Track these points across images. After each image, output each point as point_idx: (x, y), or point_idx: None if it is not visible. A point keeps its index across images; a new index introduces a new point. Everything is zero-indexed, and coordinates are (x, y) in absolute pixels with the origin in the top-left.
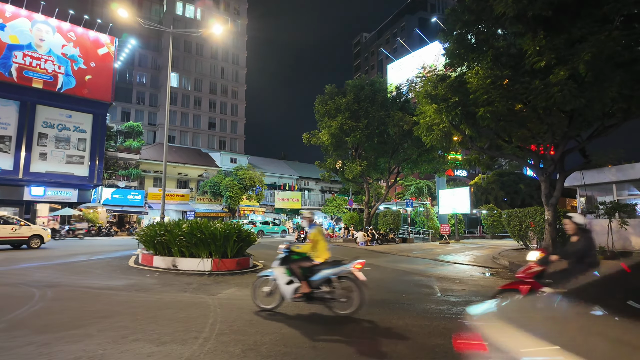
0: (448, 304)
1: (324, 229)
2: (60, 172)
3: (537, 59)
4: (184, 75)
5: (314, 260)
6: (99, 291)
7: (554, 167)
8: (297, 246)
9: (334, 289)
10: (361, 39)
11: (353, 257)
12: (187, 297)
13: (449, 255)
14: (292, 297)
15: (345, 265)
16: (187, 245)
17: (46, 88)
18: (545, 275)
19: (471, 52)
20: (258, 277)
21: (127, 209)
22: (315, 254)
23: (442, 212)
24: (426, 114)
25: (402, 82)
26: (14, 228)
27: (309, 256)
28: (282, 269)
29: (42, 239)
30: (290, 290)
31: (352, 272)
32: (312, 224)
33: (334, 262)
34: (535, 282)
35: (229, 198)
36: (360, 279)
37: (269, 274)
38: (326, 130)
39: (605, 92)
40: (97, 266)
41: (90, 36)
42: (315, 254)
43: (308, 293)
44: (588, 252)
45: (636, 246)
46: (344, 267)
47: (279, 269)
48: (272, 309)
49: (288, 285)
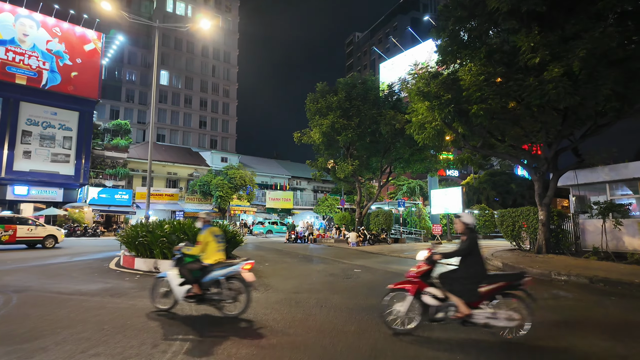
0: None
1: (219, 231)
2: (45, 170)
3: (531, 55)
4: (174, 73)
5: (204, 262)
6: (69, 297)
7: (547, 166)
8: (188, 248)
9: (222, 290)
10: (354, 39)
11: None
12: None
13: None
14: (184, 298)
15: (233, 267)
16: (169, 247)
17: (30, 84)
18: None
19: (464, 49)
20: (156, 278)
21: (114, 209)
22: (205, 255)
23: (434, 212)
24: (418, 112)
25: (394, 80)
26: (30, 228)
27: (199, 258)
28: (176, 270)
29: (56, 239)
30: (183, 292)
31: (240, 274)
32: (205, 225)
33: (224, 263)
34: (421, 282)
35: (219, 198)
36: (248, 280)
37: (164, 275)
38: (317, 129)
39: (599, 90)
40: (76, 268)
41: (77, 32)
42: (205, 256)
43: (199, 294)
44: (471, 252)
45: (629, 247)
46: (233, 269)
47: (172, 270)
48: (168, 309)
49: (181, 286)
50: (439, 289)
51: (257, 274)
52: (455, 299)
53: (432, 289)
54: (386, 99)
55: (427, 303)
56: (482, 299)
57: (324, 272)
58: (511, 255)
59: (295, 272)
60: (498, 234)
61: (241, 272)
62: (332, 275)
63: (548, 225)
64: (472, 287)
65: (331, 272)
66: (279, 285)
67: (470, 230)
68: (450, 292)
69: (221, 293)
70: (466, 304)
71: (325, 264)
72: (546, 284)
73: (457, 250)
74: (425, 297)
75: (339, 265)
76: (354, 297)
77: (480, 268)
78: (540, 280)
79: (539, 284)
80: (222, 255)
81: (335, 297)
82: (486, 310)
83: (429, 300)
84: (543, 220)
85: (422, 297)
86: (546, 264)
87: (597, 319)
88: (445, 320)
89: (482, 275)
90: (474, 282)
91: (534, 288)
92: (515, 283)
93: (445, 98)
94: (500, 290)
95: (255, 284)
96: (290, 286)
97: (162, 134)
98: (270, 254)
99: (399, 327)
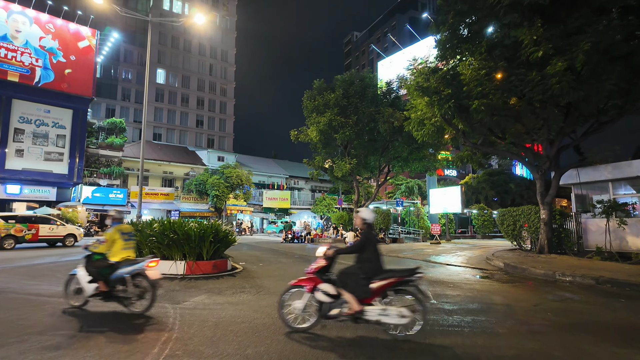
0: (443, 312)
1: (128, 228)
2: (38, 169)
3: (534, 49)
4: (171, 72)
5: (110, 260)
6: (47, 299)
7: (549, 164)
8: (95, 246)
9: (127, 288)
10: (352, 38)
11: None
12: None
13: (441, 256)
14: (91, 295)
15: (138, 265)
16: (159, 247)
17: (22, 81)
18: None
19: (464, 43)
20: (69, 275)
21: (108, 208)
22: (112, 253)
23: (433, 211)
24: (417, 108)
25: (392, 78)
26: (51, 228)
27: (106, 255)
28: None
29: (75, 238)
30: (91, 289)
31: (145, 271)
32: (114, 223)
33: (131, 261)
34: (316, 278)
35: (215, 197)
36: (152, 277)
37: (75, 272)
38: (314, 127)
39: (603, 85)
40: (63, 269)
41: (71, 28)
42: (112, 254)
43: (106, 291)
44: (365, 248)
45: (633, 246)
46: (137, 266)
47: (82, 268)
48: (80, 306)
49: (90, 283)
50: (332, 286)
51: (251, 275)
52: (347, 295)
53: (325, 286)
54: (384, 96)
55: (320, 300)
56: (374, 295)
57: None
58: (512, 256)
59: (290, 273)
60: (496, 234)
61: (146, 269)
62: None
63: (550, 225)
64: (364, 283)
65: None
66: (271, 287)
67: (368, 226)
68: (343, 289)
69: (126, 290)
70: (358, 300)
71: None
72: (551, 285)
73: (351, 246)
74: (317, 293)
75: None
76: None
77: (374, 264)
78: (545, 281)
79: (544, 285)
80: (131, 252)
81: None
82: (378, 306)
83: (321, 297)
84: (545, 219)
85: (315, 294)
86: (549, 264)
87: (608, 323)
88: (339, 317)
89: (376, 271)
90: (366, 278)
91: (539, 289)
92: (406, 279)
93: (445, 93)
94: (391, 286)
95: (247, 286)
96: (283, 288)
97: (159, 133)
98: (266, 254)
99: (296, 324)
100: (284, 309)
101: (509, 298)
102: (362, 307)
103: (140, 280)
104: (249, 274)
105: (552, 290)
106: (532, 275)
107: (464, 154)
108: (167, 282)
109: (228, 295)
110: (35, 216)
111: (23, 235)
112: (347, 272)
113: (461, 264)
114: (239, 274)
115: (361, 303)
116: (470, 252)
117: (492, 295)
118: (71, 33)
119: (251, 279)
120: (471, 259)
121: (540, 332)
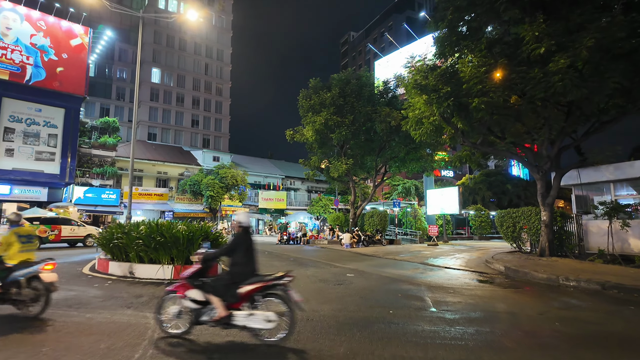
0: (444, 322)
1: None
2: (29, 169)
3: (536, 45)
4: (166, 71)
5: (7, 263)
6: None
7: (550, 164)
8: None
9: (21, 291)
10: (349, 38)
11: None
12: (127, 315)
13: (439, 259)
14: None
15: (33, 268)
16: (146, 250)
17: (13, 80)
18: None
19: (463, 40)
20: None
21: (100, 209)
22: (8, 256)
23: (430, 212)
24: (415, 106)
25: (389, 78)
26: (73, 228)
27: (2, 259)
28: None
29: None
30: None
31: (40, 274)
32: (12, 226)
33: (28, 263)
34: (187, 284)
35: (209, 198)
36: (47, 280)
37: None
38: (310, 127)
39: (606, 83)
40: None
41: (63, 26)
42: (8, 256)
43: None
44: (235, 251)
45: (635, 249)
46: (32, 269)
47: None
48: None
49: None
50: (200, 291)
51: None
52: (214, 300)
53: (192, 292)
54: (381, 95)
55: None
56: (242, 300)
57: (313, 277)
58: (513, 258)
59: None
60: (494, 235)
61: (40, 272)
62: (322, 281)
63: (551, 227)
64: (232, 287)
65: (322, 278)
66: None
67: (244, 229)
68: (212, 294)
69: (20, 294)
70: (226, 305)
71: (316, 268)
72: (554, 290)
73: (219, 250)
74: (184, 300)
75: (331, 269)
76: (345, 308)
77: (244, 268)
78: (548, 286)
79: (548, 290)
80: (31, 255)
81: (324, 308)
82: (245, 312)
83: (188, 303)
84: (546, 221)
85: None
86: (551, 267)
87: (622, 335)
88: (209, 323)
89: (245, 276)
90: (234, 282)
91: (544, 296)
92: (273, 283)
93: (444, 91)
94: (259, 291)
95: None
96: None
97: (154, 133)
98: (259, 257)
99: (172, 330)
100: (160, 315)
101: (513, 305)
102: (230, 312)
103: (35, 283)
104: None
105: (557, 296)
106: (534, 279)
107: (463, 154)
108: (152, 288)
109: None
110: (57, 218)
111: (47, 235)
112: (217, 277)
113: (460, 267)
114: None
115: (230, 308)
116: (468, 255)
117: (494, 302)
118: (63, 31)
119: None
120: (470, 262)
121: (550, 346)
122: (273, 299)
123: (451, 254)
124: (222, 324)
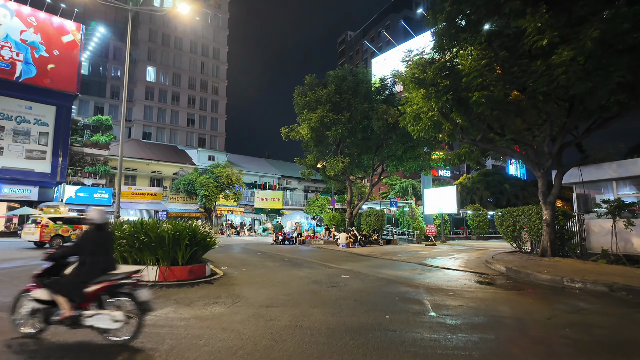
0: (445, 329)
1: None
2: (19, 168)
3: (538, 37)
4: (161, 70)
5: None
6: None
7: (551, 161)
8: None
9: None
10: (346, 37)
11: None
12: None
13: (437, 259)
14: None
15: None
16: (130, 250)
17: (2, 76)
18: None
19: (462, 32)
20: None
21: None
22: None
23: (428, 212)
24: (413, 102)
25: (386, 75)
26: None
27: None
28: None
29: None
30: None
31: None
32: None
33: None
34: (38, 283)
35: (204, 197)
36: None
37: None
38: (306, 124)
39: (610, 77)
40: (24, 275)
41: (54, 22)
42: None
43: None
44: (82, 249)
45: (639, 248)
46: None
47: None
48: None
49: None
50: (47, 290)
51: (230, 281)
52: (60, 300)
53: (37, 291)
54: (378, 92)
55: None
56: (89, 300)
57: (306, 278)
58: (513, 259)
59: (274, 279)
60: (492, 235)
61: None
62: (315, 283)
63: (553, 226)
64: (79, 286)
65: (315, 279)
66: (250, 297)
67: (96, 226)
68: (58, 293)
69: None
70: (73, 305)
71: (309, 269)
72: (559, 292)
73: (65, 249)
74: (30, 300)
75: (325, 270)
76: (338, 313)
77: (92, 267)
78: (553, 288)
79: (553, 293)
80: None
81: (315, 313)
82: (92, 311)
83: (33, 303)
84: (548, 220)
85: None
86: (554, 268)
87: (636, 340)
88: (57, 322)
89: (92, 274)
90: (81, 281)
91: (549, 298)
92: (120, 282)
93: (443, 85)
94: (105, 290)
95: (223, 295)
96: (263, 297)
97: (149, 132)
98: (252, 257)
99: (27, 329)
100: (14, 315)
101: (517, 309)
102: (76, 312)
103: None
104: (228, 281)
105: (563, 298)
106: (537, 280)
107: (462, 152)
108: None
109: (198, 308)
110: (78, 218)
111: (69, 235)
112: (66, 276)
113: (459, 267)
114: (217, 281)
115: (78, 308)
116: (467, 255)
117: (498, 305)
118: (54, 27)
119: (229, 287)
120: (469, 262)
121: (563, 355)
122: (123, 298)
123: (450, 254)
124: (68, 323)
